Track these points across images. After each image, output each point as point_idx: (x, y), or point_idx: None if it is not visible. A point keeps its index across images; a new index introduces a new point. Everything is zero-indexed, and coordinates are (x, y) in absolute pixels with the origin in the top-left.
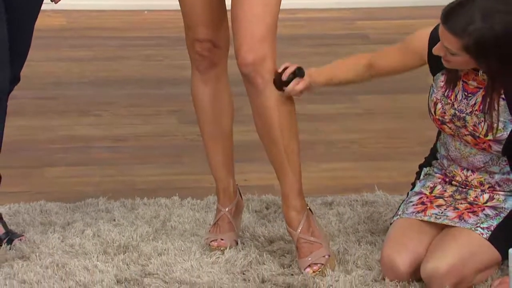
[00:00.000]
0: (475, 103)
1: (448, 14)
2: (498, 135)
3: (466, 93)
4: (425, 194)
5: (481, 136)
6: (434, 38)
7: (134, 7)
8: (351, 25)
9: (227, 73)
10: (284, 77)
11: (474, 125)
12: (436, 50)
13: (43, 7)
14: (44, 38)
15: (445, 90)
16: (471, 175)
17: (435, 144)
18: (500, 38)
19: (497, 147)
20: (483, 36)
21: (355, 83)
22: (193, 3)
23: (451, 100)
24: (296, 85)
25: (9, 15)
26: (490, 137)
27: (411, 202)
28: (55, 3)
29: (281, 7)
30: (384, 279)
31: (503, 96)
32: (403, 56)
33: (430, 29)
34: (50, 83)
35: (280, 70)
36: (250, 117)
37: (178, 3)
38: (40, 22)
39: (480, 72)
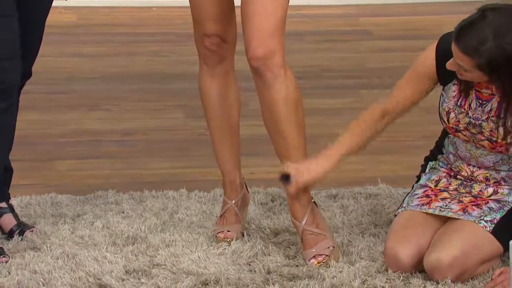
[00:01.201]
0: (490, 110)
1: (460, 33)
2: None
3: (480, 101)
4: (430, 187)
5: (498, 140)
6: (441, 51)
7: (143, 3)
8: (355, 22)
9: (234, 68)
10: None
11: (491, 131)
12: (449, 66)
13: (54, 3)
14: (55, 34)
15: (458, 100)
16: (477, 170)
17: (441, 139)
18: (511, 56)
19: None
20: (495, 55)
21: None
22: None
23: (464, 109)
24: (288, 189)
25: (21, 12)
26: (508, 140)
27: (416, 194)
28: (66, 0)
29: None
30: (387, 270)
31: None
32: (417, 86)
33: (433, 47)
34: (61, 78)
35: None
36: (257, 112)
37: None
38: (51, 18)
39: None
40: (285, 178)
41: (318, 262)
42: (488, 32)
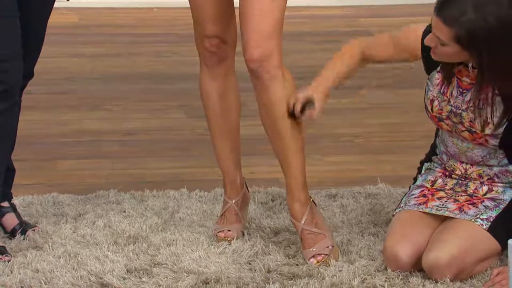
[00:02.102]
0: (470, 100)
1: (441, 5)
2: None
3: (460, 90)
4: (427, 187)
5: (477, 131)
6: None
7: (144, 4)
8: (354, 22)
9: (235, 68)
10: (297, 113)
11: (471, 121)
12: (427, 41)
13: (56, 4)
14: (57, 35)
15: (441, 88)
16: (470, 168)
17: (434, 141)
18: (492, 30)
19: (494, 141)
20: (475, 26)
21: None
22: (202, 0)
23: (447, 97)
24: (311, 115)
25: (23, 13)
26: (487, 131)
27: (413, 194)
28: (67, 0)
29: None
30: (386, 270)
31: (497, 91)
32: (394, 50)
33: (422, 29)
34: (62, 78)
35: (291, 104)
36: (256, 112)
37: (186, 0)
38: (53, 19)
39: (471, 68)
40: (308, 104)
41: (318, 261)
42: (469, 4)
